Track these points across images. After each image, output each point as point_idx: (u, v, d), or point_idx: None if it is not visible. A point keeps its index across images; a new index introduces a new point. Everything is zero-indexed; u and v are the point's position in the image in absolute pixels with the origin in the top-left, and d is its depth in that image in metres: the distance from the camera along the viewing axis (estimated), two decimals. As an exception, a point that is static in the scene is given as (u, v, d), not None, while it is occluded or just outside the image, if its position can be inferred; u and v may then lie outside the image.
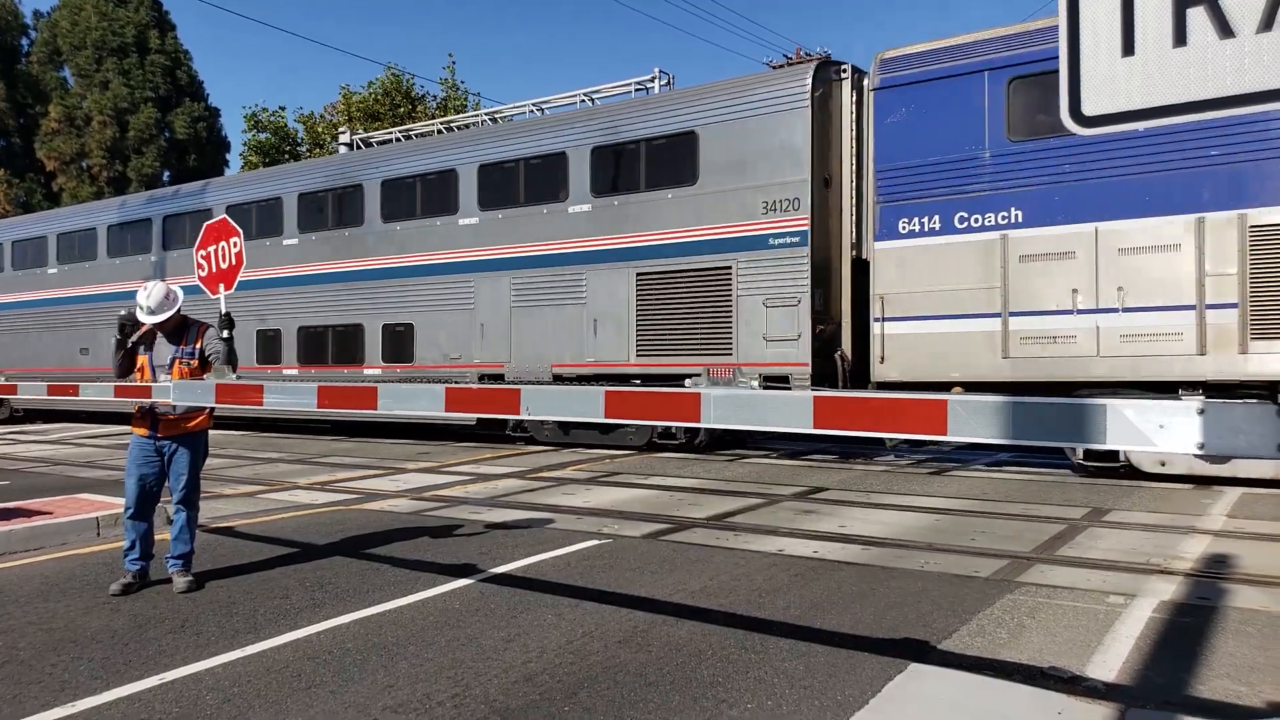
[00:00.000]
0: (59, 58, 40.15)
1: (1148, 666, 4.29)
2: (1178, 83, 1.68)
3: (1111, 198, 10.22)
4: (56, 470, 12.67)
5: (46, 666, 4.52)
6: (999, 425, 2.80)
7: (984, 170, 10.96)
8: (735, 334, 12.49)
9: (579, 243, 13.82)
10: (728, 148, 12.55)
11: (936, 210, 11.25)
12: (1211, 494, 9.22)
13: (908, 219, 11.48)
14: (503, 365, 14.59)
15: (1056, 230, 10.50)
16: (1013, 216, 10.79)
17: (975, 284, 10.97)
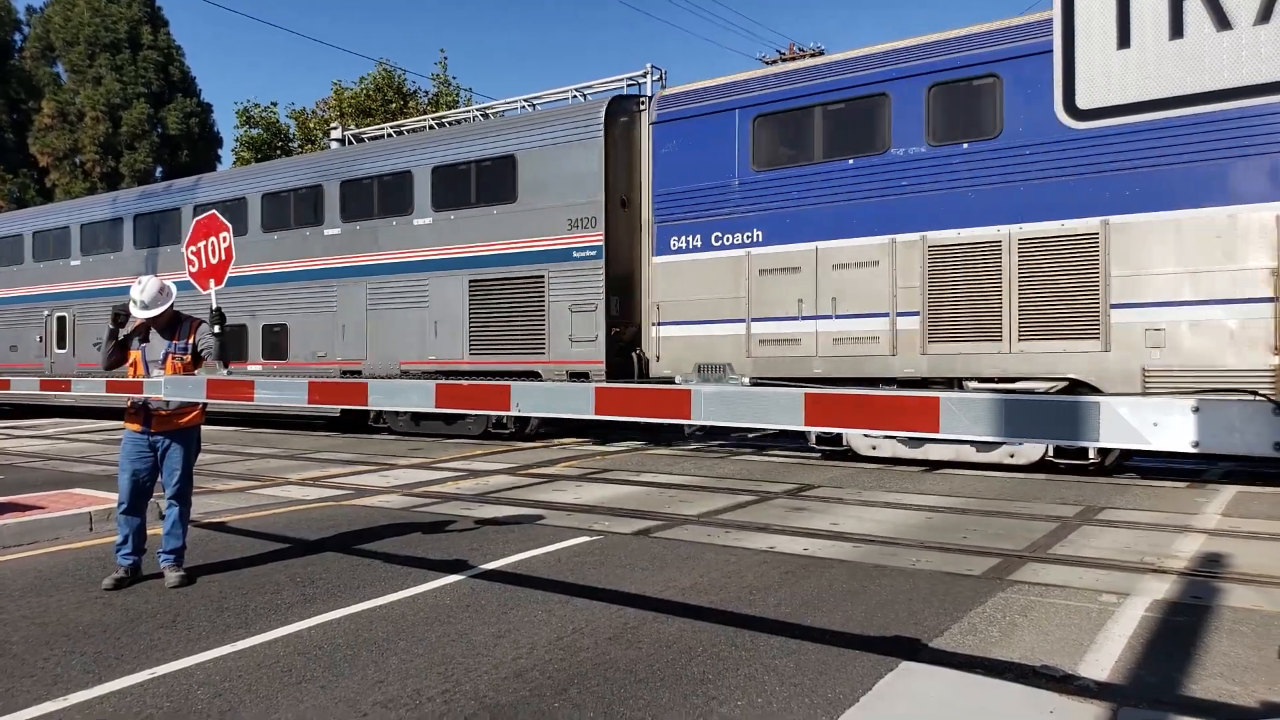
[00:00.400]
0: (52, 53, 40.00)
1: (1141, 665, 4.29)
2: (1175, 75, 1.67)
3: (829, 221, 11.87)
4: (49, 465, 12.62)
5: (39, 660, 4.49)
6: (992, 423, 2.79)
7: (734, 196, 12.63)
8: (548, 335, 14.14)
9: (422, 252, 15.44)
10: (540, 171, 14.22)
11: (699, 230, 12.94)
12: (1206, 492, 9.24)
13: (677, 237, 13.14)
14: (360, 362, 16.10)
15: (787, 248, 12.18)
16: (755, 236, 12.46)
17: (727, 294, 12.68)
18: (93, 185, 37.27)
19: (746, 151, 12.43)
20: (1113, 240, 10.16)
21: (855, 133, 11.83)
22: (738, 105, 12.55)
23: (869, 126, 11.69)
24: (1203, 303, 9.68)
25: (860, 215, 11.61)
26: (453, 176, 15.15)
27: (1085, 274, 10.31)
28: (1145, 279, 9.99)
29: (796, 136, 12.34)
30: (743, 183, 12.52)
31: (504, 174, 14.53)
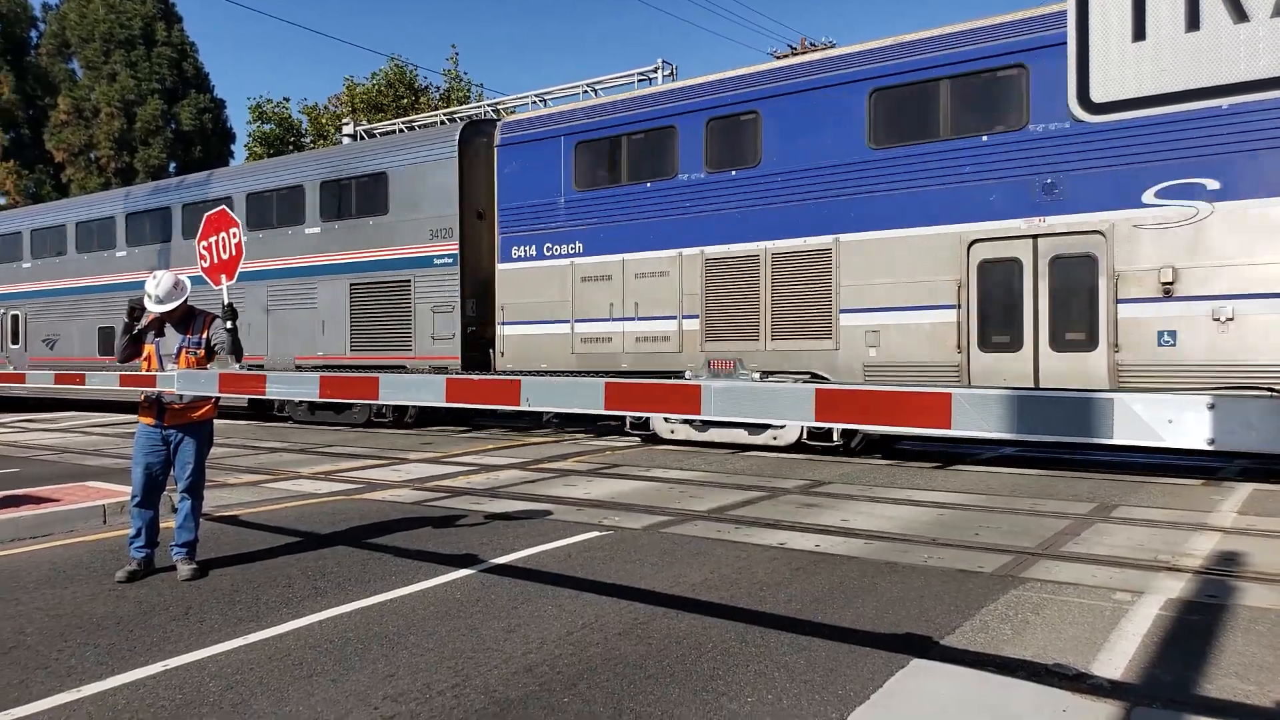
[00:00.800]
0: (68, 50, 40.24)
1: (1155, 665, 4.26)
2: (1191, 68, 1.64)
3: (633, 235, 13.68)
4: (64, 458, 12.71)
5: (53, 652, 4.53)
6: (1004, 420, 2.77)
7: (561, 212, 14.51)
8: (414, 333, 15.84)
9: (312, 258, 17.32)
10: (408, 187, 15.99)
11: (534, 241, 14.78)
12: (1222, 490, 9.17)
13: (518, 247, 14.97)
14: (262, 357, 17.74)
15: (602, 259, 14.02)
16: (577, 248, 14.28)
17: (556, 298, 14.50)
18: (107, 181, 37.49)
19: (570, 173, 14.36)
20: (842, 255, 11.93)
21: (652, 160, 13.62)
22: (563, 133, 14.48)
23: (662, 154, 13.46)
24: (907, 309, 11.50)
25: (656, 231, 13.47)
26: (337, 190, 17.02)
27: (822, 283, 12.15)
28: (866, 288, 11.79)
29: (608, 161, 14.16)
30: (567, 201, 14.42)
31: (378, 189, 16.31)
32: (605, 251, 14.01)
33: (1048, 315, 10.63)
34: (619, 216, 13.89)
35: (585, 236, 14.22)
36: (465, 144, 15.43)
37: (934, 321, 11.25)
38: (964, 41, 11.23)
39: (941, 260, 11.24)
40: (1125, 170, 10.17)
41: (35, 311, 22.60)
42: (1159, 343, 9.95)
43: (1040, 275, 10.68)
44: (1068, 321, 10.52)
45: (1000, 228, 10.89)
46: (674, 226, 13.28)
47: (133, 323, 6.16)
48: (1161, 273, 9.87)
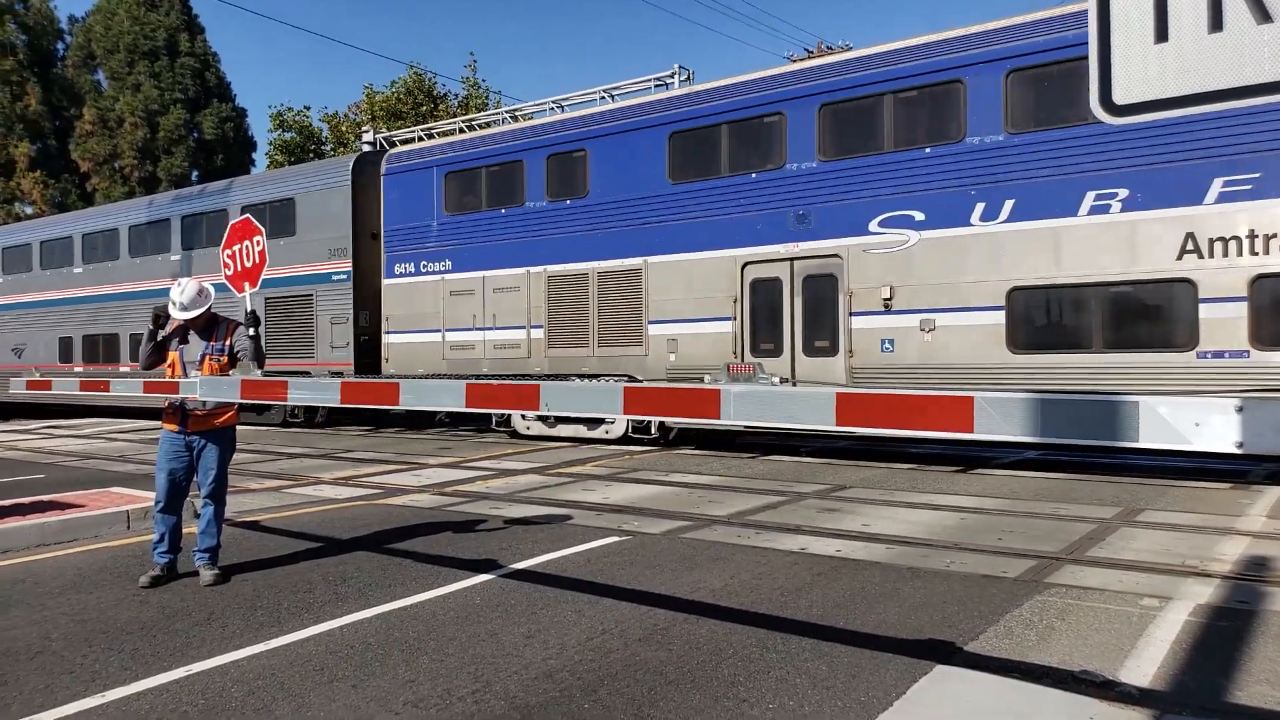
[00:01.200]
0: (93, 61, 40.75)
1: (1183, 672, 4.20)
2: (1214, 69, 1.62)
3: (492, 255, 15.70)
4: (89, 464, 12.85)
5: (78, 657, 4.57)
6: (1028, 423, 2.74)
7: (434, 234, 16.58)
8: (316, 342, 18.01)
9: None
10: (311, 211, 18.16)
11: (413, 259, 16.81)
12: (1250, 494, 9.04)
13: (400, 264, 17.02)
14: None
15: (467, 275, 16.04)
16: (447, 265, 16.32)
17: (431, 310, 16.49)
18: (131, 190, 37.92)
19: (441, 200, 16.47)
20: (650, 274, 13.98)
21: (507, 189, 15.58)
22: (435, 164, 16.60)
23: (514, 185, 15.47)
24: (698, 320, 13.55)
25: (510, 252, 15.44)
26: (256, 213, 19.63)
27: (634, 299, 14.15)
28: (668, 303, 13.81)
29: (472, 190, 16.16)
30: (439, 224, 16.53)
31: (288, 213, 18.47)
32: (470, 269, 16.10)
33: (801, 322, 12.77)
34: (480, 238, 15.93)
35: (454, 255, 16.29)
36: (358, 173, 17.60)
37: (716, 331, 13.39)
38: (740, 92, 13.32)
39: (718, 280, 13.35)
40: (858, 203, 12.14)
41: (3, 324, 25.07)
42: (880, 349, 12.02)
43: (795, 292, 12.72)
44: (811, 328, 12.70)
45: (765, 252, 12.89)
46: (524, 248, 15.36)
47: (157, 330, 6.22)
48: (882, 290, 11.92)
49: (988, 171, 11.22)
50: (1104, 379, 10.51)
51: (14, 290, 24.81)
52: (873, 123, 12.12)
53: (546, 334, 15.08)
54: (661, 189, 13.80)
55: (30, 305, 24.16)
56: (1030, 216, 10.94)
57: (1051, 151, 10.86)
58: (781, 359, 12.69)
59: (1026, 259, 10.94)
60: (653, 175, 13.88)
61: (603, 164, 14.44)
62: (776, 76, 13.05)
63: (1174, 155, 10.16)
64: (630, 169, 14.08)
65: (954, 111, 11.50)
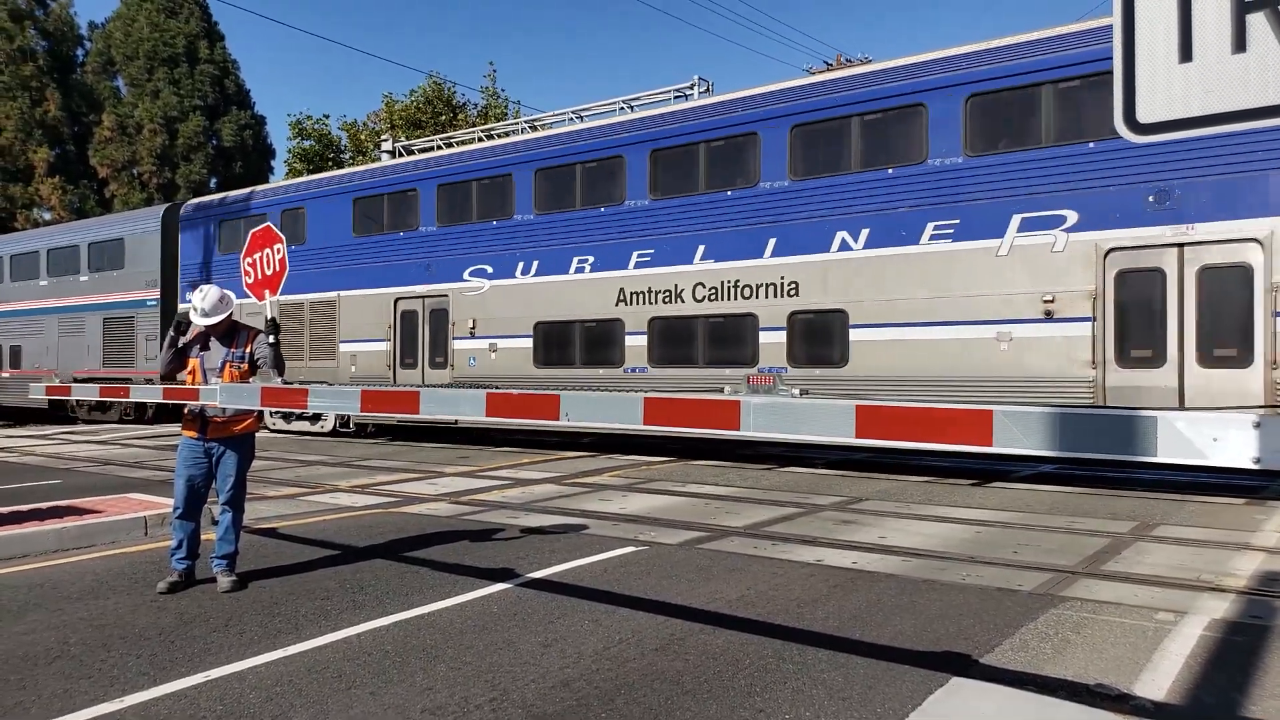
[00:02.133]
0: (112, 68, 41.14)
1: (1198, 686, 4.19)
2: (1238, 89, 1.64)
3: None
4: (106, 470, 12.94)
5: (96, 662, 4.61)
6: (1047, 438, 2.75)
7: (213, 270, 20.22)
8: (136, 354, 22.00)
9: (84, 299, 23.73)
10: (135, 249, 22.48)
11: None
12: (1265, 509, 8.99)
13: (189, 292, 18.89)
14: (54, 371, 24.13)
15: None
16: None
17: None
18: (150, 196, 38.24)
19: (217, 243, 20.41)
20: (341, 306, 18.26)
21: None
22: (214, 215, 20.75)
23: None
24: (369, 340, 17.90)
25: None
26: (99, 249, 23.56)
27: (331, 324, 18.30)
28: (353, 327, 18.06)
29: (236, 237, 19.12)
30: (216, 261, 20.32)
31: (119, 250, 22.86)
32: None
33: (428, 344, 16.89)
34: (236, 274, 18.35)
35: (226, 288, 19.54)
36: (166, 220, 22.00)
37: (379, 349, 17.54)
38: (378, 173, 18.29)
39: (381, 311, 17.43)
40: (461, 257, 16.41)
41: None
42: (468, 363, 16.16)
43: (425, 320, 16.90)
44: (433, 348, 16.84)
45: (411, 290, 17.06)
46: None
47: (178, 336, 6.28)
48: (469, 321, 16.18)
49: (527, 239, 15.43)
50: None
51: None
52: (468, 199, 16.40)
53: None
54: (349, 240, 18.07)
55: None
56: (547, 273, 15.14)
57: (558, 229, 15.00)
58: (416, 370, 16.97)
59: (544, 303, 15.08)
60: (344, 230, 18.16)
61: (316, 219, 18.77)
62: (418, 162, 17.54)
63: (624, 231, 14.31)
64: (333, 224, 18.37)
65: (508, 196, 15.80)
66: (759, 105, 12.92)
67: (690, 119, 13.62)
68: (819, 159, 12.46)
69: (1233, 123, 1.67)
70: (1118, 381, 10.40)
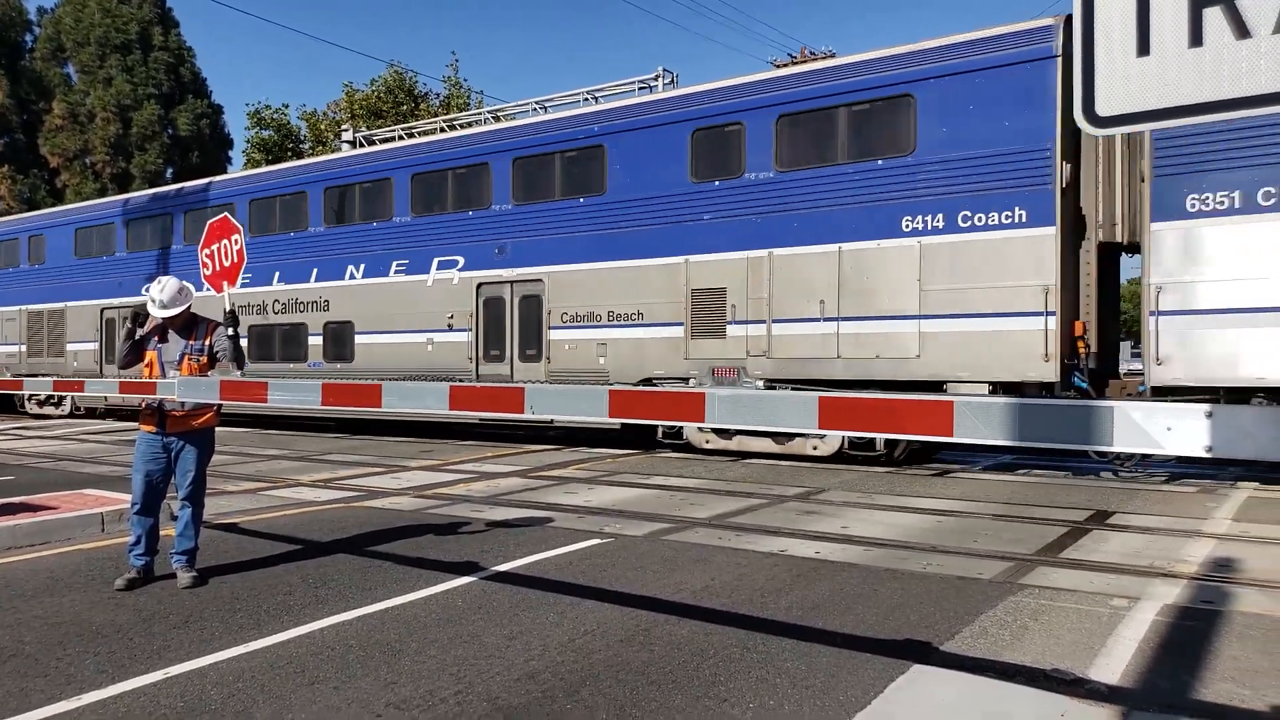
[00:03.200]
0: (63, 54, 40.16)
1: (1151, 670, 4.29)
2: (1194, 83, 1.67)
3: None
4: (61, 466, 12.68)
5: (52, 660, 4.52)
6: (1005, 427, 2.79)
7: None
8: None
9: None
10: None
11: None
12: (1216, 498, 9.21)
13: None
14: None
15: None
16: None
17: None
18: (103, 186, 37.45)
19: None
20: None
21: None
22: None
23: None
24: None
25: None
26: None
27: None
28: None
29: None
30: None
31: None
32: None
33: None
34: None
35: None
36: None
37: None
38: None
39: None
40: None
41: None
42: None
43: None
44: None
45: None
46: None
47: (135, 328, 6.16)
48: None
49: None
50: None
51: None
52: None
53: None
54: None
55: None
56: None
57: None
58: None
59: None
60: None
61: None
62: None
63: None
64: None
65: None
66: (311, 171, 18.26)
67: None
68: (350, 213, 17.41)
69: (1190, 116, 1.70)
70: (485, 371, 15.25)
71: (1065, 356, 10.55)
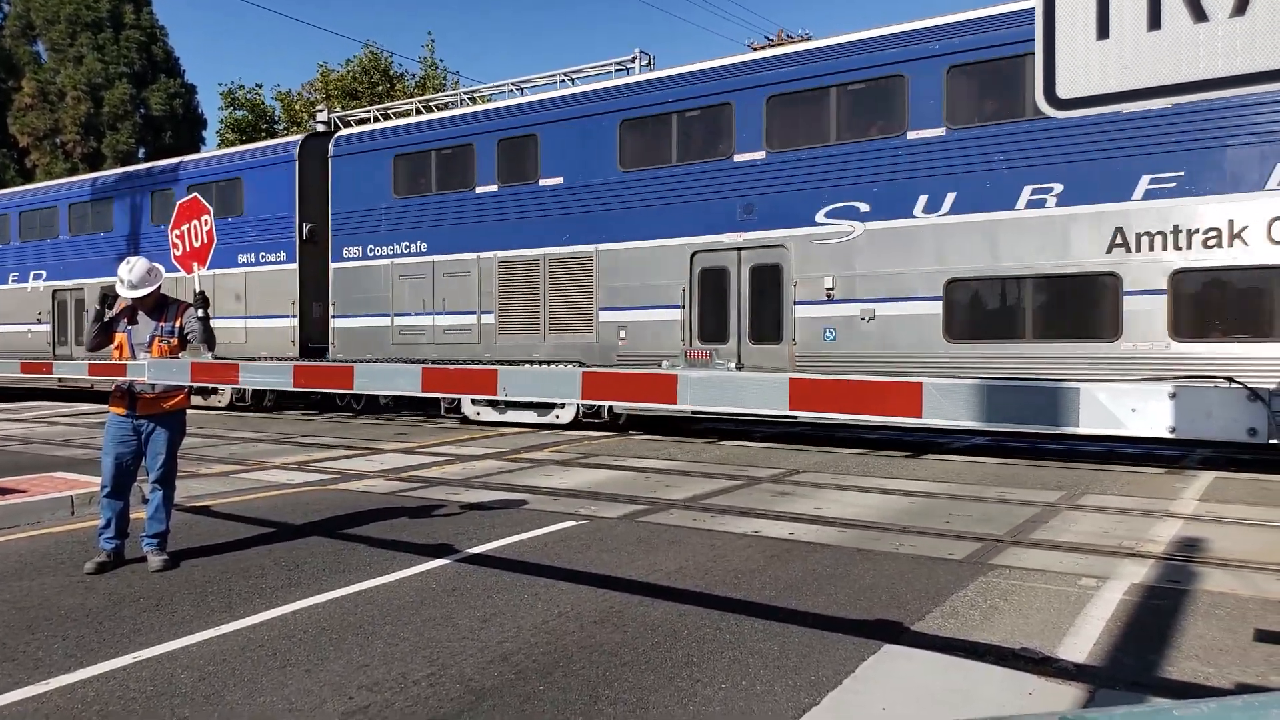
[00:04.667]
0: (32, 32, 39.42)
1: (1118, 648, 4.36)
2: (1152, 66, 1.68)
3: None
4: (30, 449, 12.54)
5: (20, 645, 4.48)
6: (973, 409, 2.82)
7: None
8: None
9: None
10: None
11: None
12: (1184, 478, 9.34)
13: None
14: None
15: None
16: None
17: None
18: (74, 166, 36.86)
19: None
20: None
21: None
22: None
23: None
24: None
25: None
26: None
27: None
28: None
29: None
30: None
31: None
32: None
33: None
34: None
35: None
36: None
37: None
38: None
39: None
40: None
41: None
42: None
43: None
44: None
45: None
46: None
47: (104, 310, 6.08)
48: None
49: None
50: None
51: None
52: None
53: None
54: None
55: None
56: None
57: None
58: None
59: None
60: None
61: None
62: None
63: None
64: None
65: None
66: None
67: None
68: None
69: (1148, 99, 1.71)
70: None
71: None
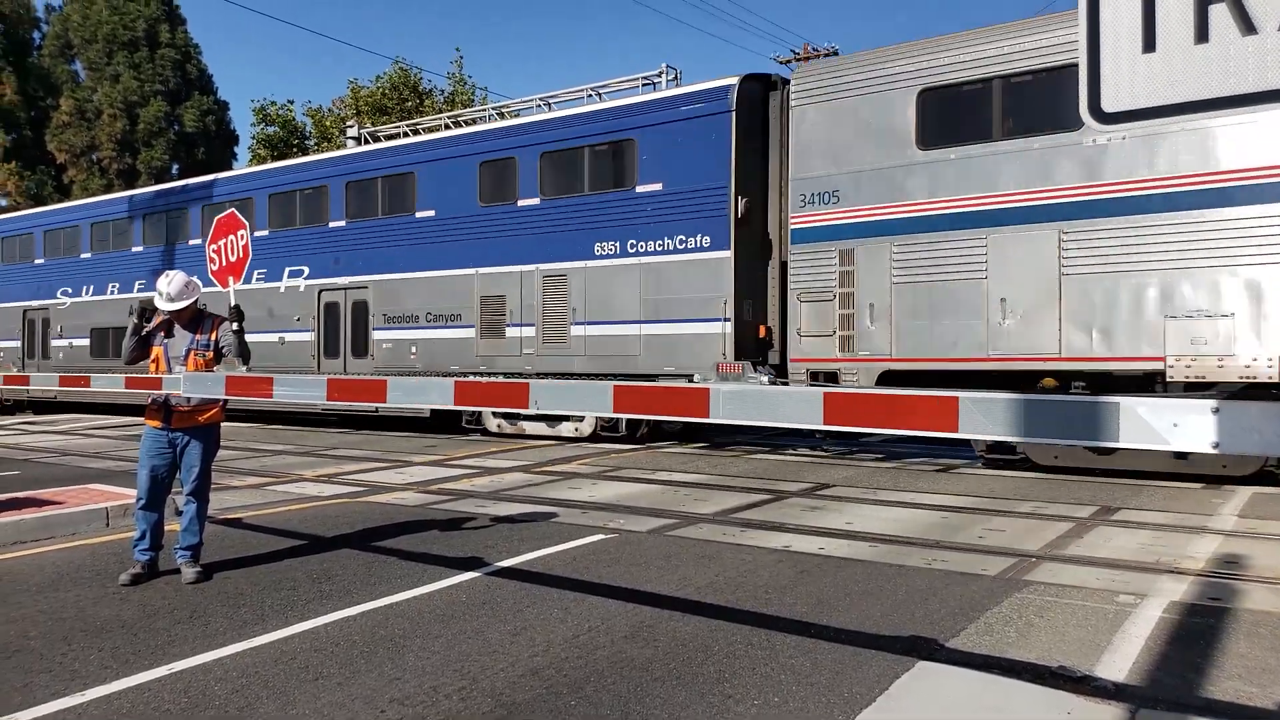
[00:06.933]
0: (70, 51, 40.30)
1: (1158, 667, 4.27)
2: (1200, 80, 1.66)
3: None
4: (66, 460, 12.72)
5: (57, 655, 4.54)
6: (1011, 423, 2.78)
7: None
8: None
9: None
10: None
11: None
12: (1222, 494, 9.18)
13: None
14: None
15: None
16: None
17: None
18: (109, 183, 37.54)
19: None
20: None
21: None
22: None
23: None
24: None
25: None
26: None
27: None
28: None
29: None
30: None
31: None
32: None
33: None
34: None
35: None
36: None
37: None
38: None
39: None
40: None
41: None
42: None
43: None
44: None
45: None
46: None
47: (142, 324, 6.16)
48: None
49: None
50: None
51: None
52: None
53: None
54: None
55: None
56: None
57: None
58: None
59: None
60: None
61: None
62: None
63: None
64: None
65: None
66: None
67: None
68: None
69: (1195, 112, 1.69)
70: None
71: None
